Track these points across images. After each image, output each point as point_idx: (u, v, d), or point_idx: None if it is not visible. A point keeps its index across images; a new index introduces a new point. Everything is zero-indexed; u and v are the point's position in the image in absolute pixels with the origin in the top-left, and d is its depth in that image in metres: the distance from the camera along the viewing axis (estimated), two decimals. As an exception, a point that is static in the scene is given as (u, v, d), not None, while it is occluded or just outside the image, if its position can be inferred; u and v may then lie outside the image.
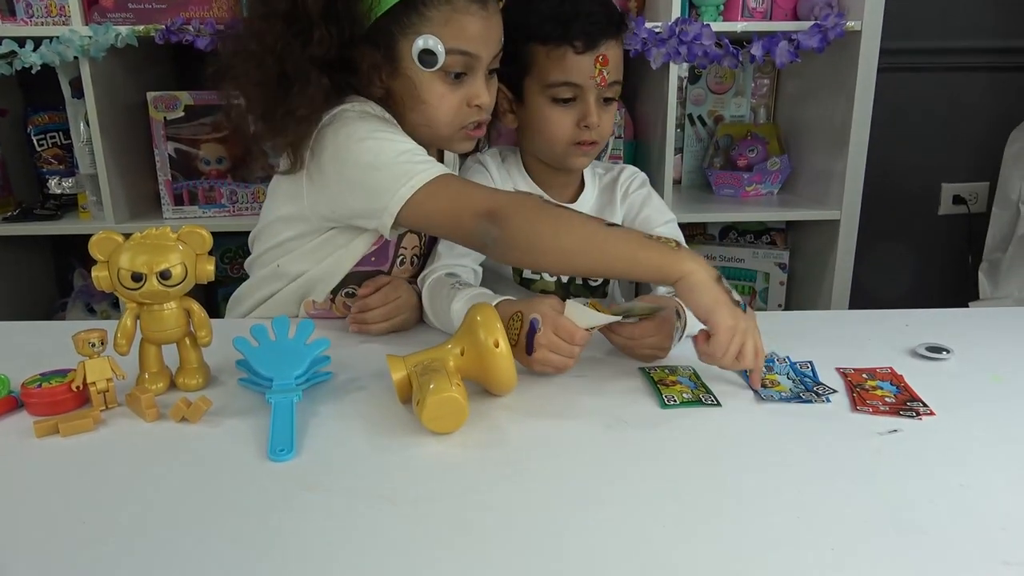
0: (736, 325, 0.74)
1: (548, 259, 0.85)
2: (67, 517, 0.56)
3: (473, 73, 0.94)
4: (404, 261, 1.07)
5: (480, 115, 0.98)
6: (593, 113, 1.01)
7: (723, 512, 0.56)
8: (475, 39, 0.92)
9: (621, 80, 1.05)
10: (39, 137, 1.68)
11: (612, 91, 1.03)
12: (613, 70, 1.01)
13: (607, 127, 1.05)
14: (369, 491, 0.59)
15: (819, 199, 1.69)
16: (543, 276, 1.12)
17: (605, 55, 0.99)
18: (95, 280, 0.73)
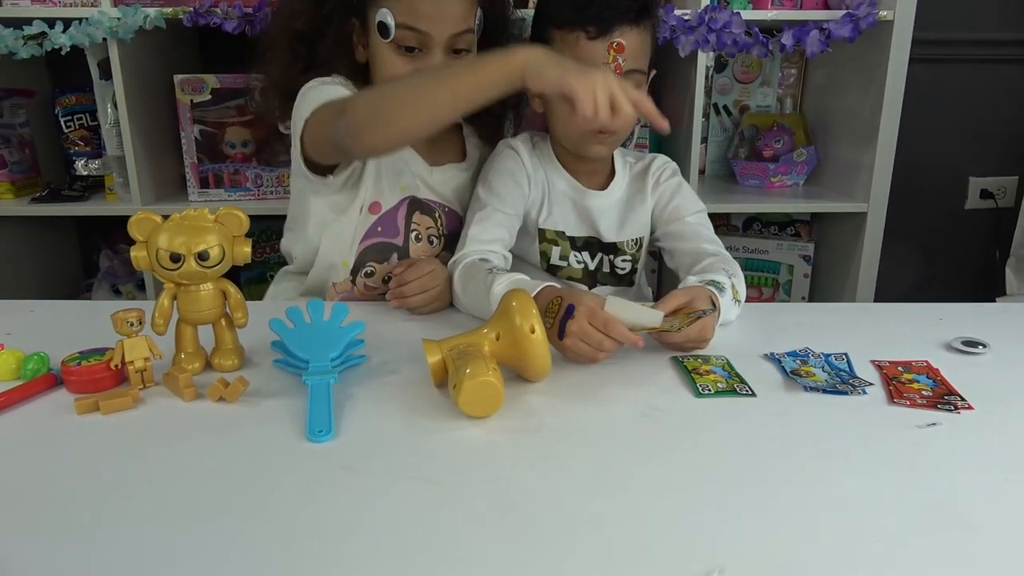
0: (593, 78, 0.73)
1: (398, 123, 0.85)
2: (111, 493, 0.57)
3: (428, 50, 0.99)
4: (420, 238, 1.09)
5: None
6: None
7: (764, 502, 0.56)
8: (424, 17, 0.97)
9: (644, 69, 1.02)
10: (66, 119, 1.69)
11: (632, 80, 0.98)
12: (630, 58, 0.98)
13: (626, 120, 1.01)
14: (408, 473, 0.59)
15: (845, 191, 1.67)
16: (570, 263, 1.11)
17: (620, 42, 0.96)
18: (134, 260, 0.73)
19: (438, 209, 1.12)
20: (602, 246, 1.12)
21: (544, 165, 1.11)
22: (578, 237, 1.12)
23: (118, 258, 1.77)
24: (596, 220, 1.11)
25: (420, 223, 1.09)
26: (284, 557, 0.49)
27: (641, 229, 1.13)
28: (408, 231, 1.09)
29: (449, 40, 0.99)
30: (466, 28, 1.00)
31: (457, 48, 1.00)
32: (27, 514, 0.54)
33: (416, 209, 1.10)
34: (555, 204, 1.10)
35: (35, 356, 0.76)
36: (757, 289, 1.84)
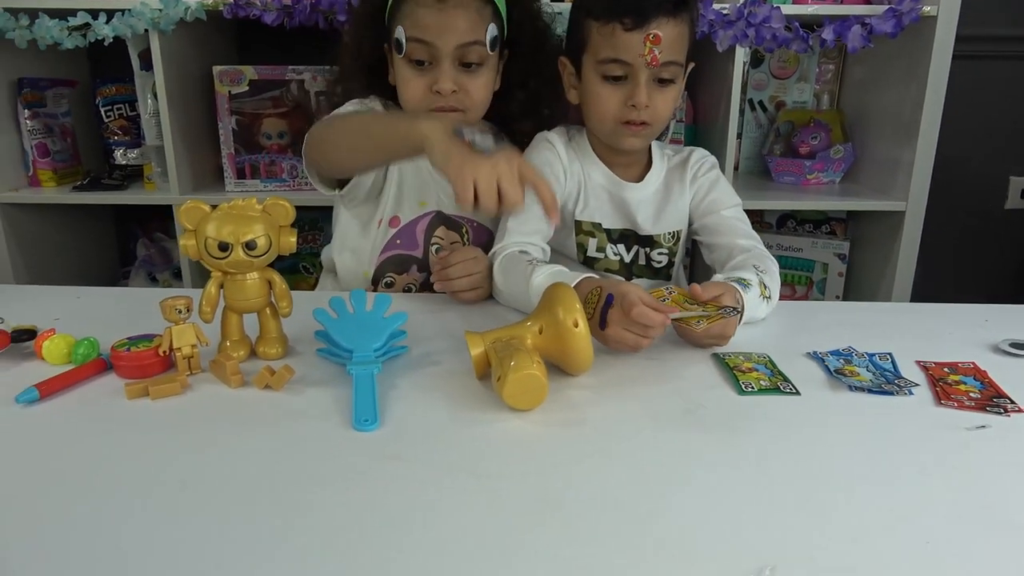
0: (476, 169, 0.72)
1: (332, 158, 0.98)
2: (163, 476, 0.58)
3: (437, 62, 1.02)
4: (441, 250, 1.12)
5: (443, 101, 1.03)
6: (641, 93, 0.98)
7: (812, 500, 0.55)
8: (430, 30, 1.00)
9: (681, 62, 1.01)
10: (106, 108, 1.71)
11: (668, 72, 0.99)
12: (667, 50, 0.97)
13: (661, 109, 1.01)
14: (454, 465, 0.60)
15: (883, 189, 1.65)
16: (607, 255, 1.11)
17: (657, 34, 0.96)
18: (182, 248, 0.74)
19: (465, 224, 1.15)
20: (638, 239, 1.12)
21: (580, 157, 1.11)
22: (614, 229, 1.11)
23: (155, 247, 1.79)
24: (633, 212, 1.10)
25: (444, 237, 1.13)
26: (334, 543, 0.50)
27: (678, 222, 1.12)
28: (428, 244, 1.12)
29: (456, 52, 1.01)
30: (473, 40, 1.01)
31: (467, 61, 1.02)
32: (82, 494, 0.55)
33: (441, 224, 1.13)
34: (591, 196, 1.10)
35: (85, 341, 0.78)
36: (790, 287, 1.82)
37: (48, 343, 0.77)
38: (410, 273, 1.12)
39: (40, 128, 1.62)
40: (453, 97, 1.03)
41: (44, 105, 1.64)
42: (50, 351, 0.77)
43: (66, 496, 0.55)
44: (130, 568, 0.47)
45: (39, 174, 1.64)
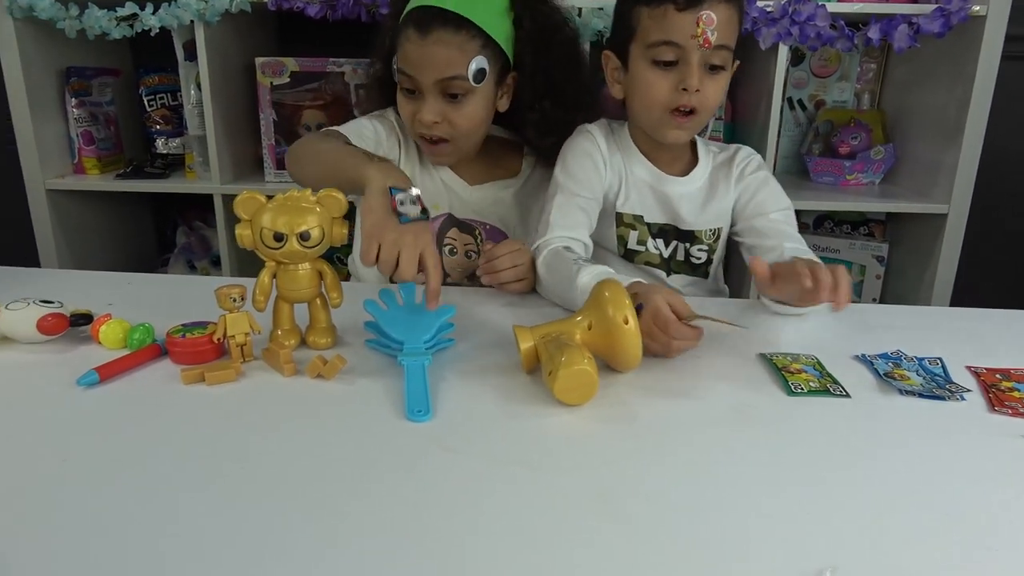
0: (383, 235, 0.78)
1: (299, 175, 1.03)
2: (220, 461, 0.59)
3: (421, 93, 1.05)
4: (456, 252, 1.16)
5: (425, 130, 1.07)
6: (694, 75, 0.96)
7: (867, 502, 0.55)
8: (412, 63, 1.03)
9: (732, 47, 0.99)
10: (149, 98, 1.75)
11: (719, 57, 0.98)
12: (720, 32, 0.95)
13: (711, 97, 1.00)
14: (507, 456, 0.60)
15: (924, 191, 1.63)
16: (647, 248, 1.11)
17: (710, 14, 0.94)
18: (238, 237, 0.76)
19: (478, 227, 1.17)
20: (678, 234, 1.11)
21: (621, 151, 1.10)
22: (655, 223, 1.11)
23: (195, 235, 1.82)
24: (676, 206, 1.10)
25: (457, 239, 1.16)
26: (391, 530, 0.51)
27: (720, 220, 1.11)
28: (441, 245, 1.15)
29: (438, 85, 1.04)
30: (454, 75, 1.02)
31: (452, 92, 1.04)
32: (145, 474, 0.57)
33: (453, 226, 1.16)
34: (632, 189, 1.10)
35: (140, 327, 0.79)
36: (826, 288, 1.80)
37: (105, 328, 0.79)
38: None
39: (85, 116, 1.66)
40: (436, 127, 1.06)
41: (89, 94, 1.67)
42: (107, 336, 0.79)
43: (129, 475, 0.57)
44: (188, 548, 0.48)
45: (84, 162, 1.67)
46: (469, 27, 1.01)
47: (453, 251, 1.16)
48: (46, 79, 1.60)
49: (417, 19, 1.02)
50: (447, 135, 1.07)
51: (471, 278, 1.17)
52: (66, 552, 0.48)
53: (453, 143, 1.09)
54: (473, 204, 1.17)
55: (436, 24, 1.00)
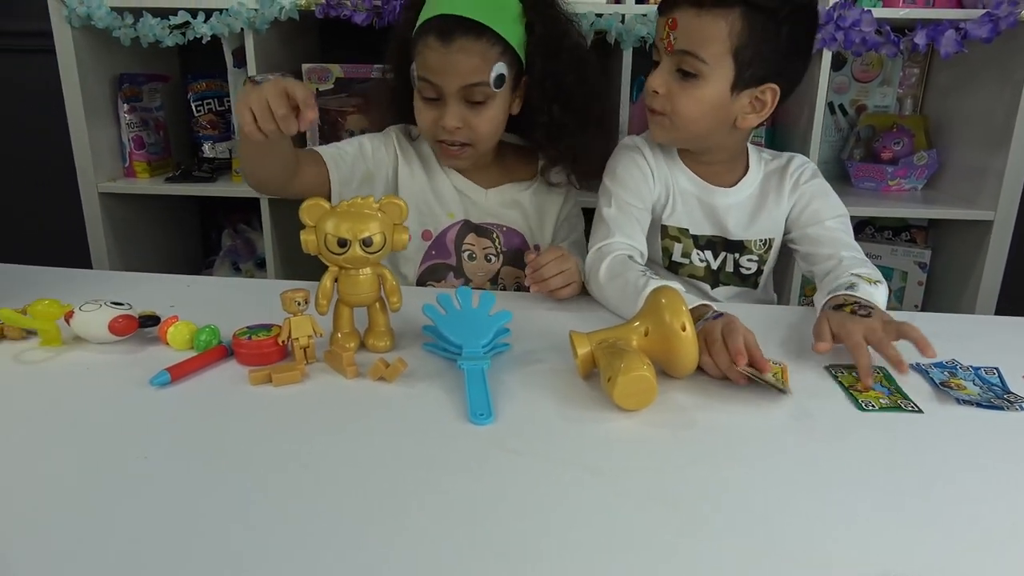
0: (240, 100, 0.85)
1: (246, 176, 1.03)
2: (288, 461, 0.61)
3: (443, 99, 1.05)
4: (475, 257, 1.17)
5: (448, 136, 1.07)
6: (656, 76, 0.99)
7: (933, 512, 0.55)
8: (435, 71, 1.04)
9: (705, 59, 0.94)
10: (197, 103, 1.78)
11: (687, 64, 0.96)
12: (684, 39, 0.95)
13: (680, 105, 0.98)
14: (570, 460, 0.61)
15: (969, 197, 1.61)
16: (692, 261, 1.12)
17: (675, 19, 0.95)
18: (303, 243, 0.78)
19: (495, 230, 1.18)
20: (727, 245, 1.12)
21: (668, 162, 1.11)
22: (701, 235, 1.11)
23: (240, 237, 1.86)
24: (723, 218, 1.10)
25: (475, 244, 1.18)
26: (457, 531, 0.52)
27: (772, 230, 1.11)
28: (460, 251, 1.17)
29: (460, 92, 1.04)
30: (477, 82, 1.03)
31: (474, 100, 1.05)
32: (219, 470, 0.59)
33: (470, 231, 1.18)
34: (679, 202, 1.11)
35: (207, 328, 0.82)
36: (866, 295, 1.79)
37: (172, 329, 0.82)
38: (447, 280, 1.17)
39: (136, 122, 1.70)
40: (459, 132, 1.07)
41: (140, 100, 1.72)
42: (174, 337, 0.82)
43: (207, 472, 0.59)
44: (260, 544, 0.50)
45: (135, 165, 1.72)
46: (489, 34, 1.03)
47: (472, 256, 1.17)
48: (100, 85, 1.65)
49: (439, 27, 1.02)
50: (468, 140, 1.08)
51: (493, 281, 1.19)
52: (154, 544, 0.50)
53: (473, 147, 1.10)
54: (489, 208, 1.18)
55: (458, 32, 1.01)
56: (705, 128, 1.02)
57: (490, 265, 1.18)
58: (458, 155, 1.11)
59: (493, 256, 1.18)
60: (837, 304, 0.86)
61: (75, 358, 0.81)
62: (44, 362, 0.80)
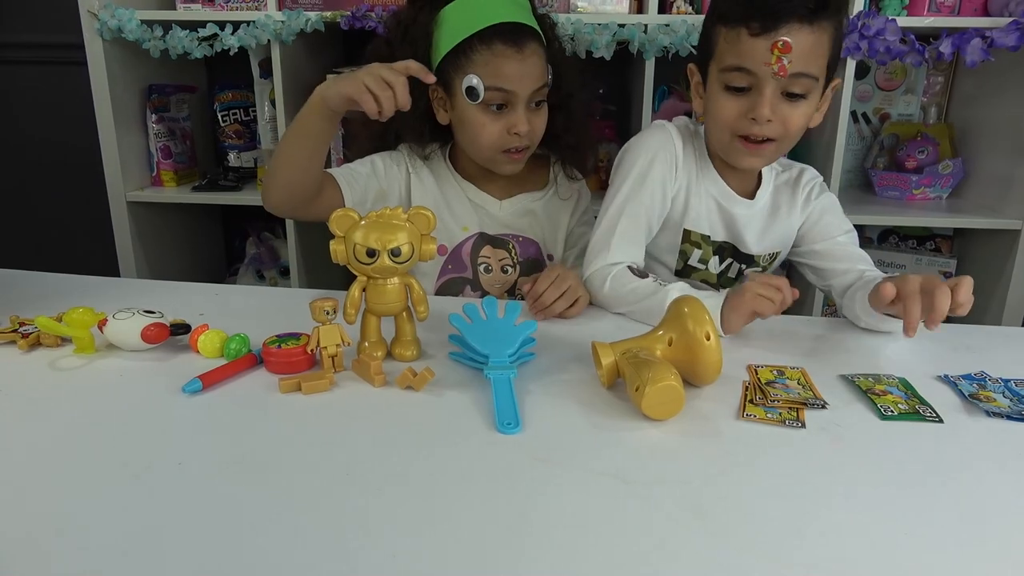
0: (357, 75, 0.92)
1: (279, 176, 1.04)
2: (326, 465, 0.62)
3: (512, 106, 1.06)
4: (491, 270, 1.17)
5: (520, 141, 1.08)
6: (763, 106, 0.93)
7: (961, 528, 0.55)
8: (511, 78, 1.04)
9: (816, 75, 0.93)
10: (223, 113, 1.81)
11: (799, 86, 0.92)
12: (799, 60, 0.90)
13: (790, 126, 0.95)
14: (600, 469, 0.61)
15: (995, 207, 1.60)
16: (708, 267, 1.11)
17: (786, 41, 0.89)
18: (332, 253, 0.79)
19: (511, 241, 1.18)
20: (735, 253, 1.11)
21: (697, 158, 1.09)
22: (716, 242, 1.11)
23: (264, 245, 1.88)
24: (740, 229, 1.10)
25: (491, 256, 1.18)
26: (489, 540, 0.52)
27: (781, 243, 1.11)
28: (476, 264, 1.17)
29: (532, 94, 1.06)
30: (544, 83, 1.07)
31: (537, 101, 1.08)
32: (253, 480, 0.60)
33: (486, 244, 1.17)
34: (701, 204, 1.09)
35: (237, 337, 0.83)
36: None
37: (203, 337, 0.83)
38: (465, 294, 1.17)
39: (164, 131, 1.73)
40: (526, 136, 1.08)
41: (168, 110, 1.75)
42: (205, 345, 0.83)
43: (241, 478, 0.60)
44: (291, 550, 0.51)
45: (162, 175, 1.75)
46: (539, 38, 1.07)
47: (488, 269, 1.17)
48: (129, 96, 1.68)
49: (507, 35, 1.03)
50: (529, 142, 1.10)
51: (510, 292, 1.19)
52: (190, 550, 0.51)
53: (529, 149, 1.12)
54: (504, 219, 1.19)
55: (526, 38, 1.04)
56: (798, 137, 1.00)
57: (507, 276, 1.18)
58: (521, 159, 1.12)
59: (510, 267, 1.18)
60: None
61: (108, 365, 0.82)
62: (79, 369, 0.82)
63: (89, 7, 1.54)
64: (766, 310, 0.87)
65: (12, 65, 2.01)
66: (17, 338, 0.86)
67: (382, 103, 0.91)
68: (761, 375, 0.78)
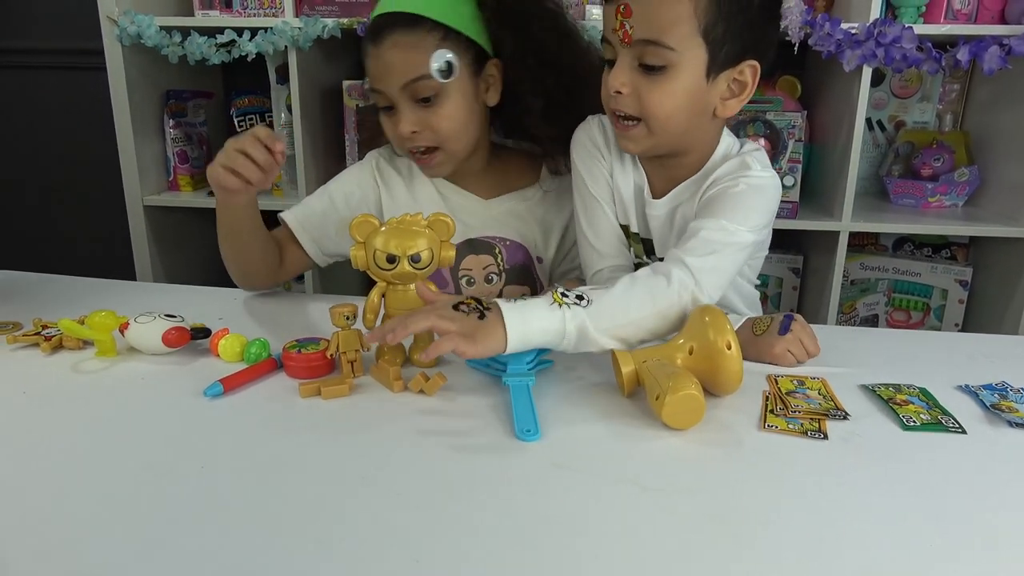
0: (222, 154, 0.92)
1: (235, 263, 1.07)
2: (347, 470, 0.62)
3: (395, 106, 0.98)
4: (473, 281, 1.10)
5: (409, 143, 1.00)
6: (616, 76, 0.83)
7: (985, 540, 0.55)
8: (376, 77, 0.97)
9: (672, 45, 0.80)
10: (239, 119, 1.83)
11: (652, 55, 0.81)
12: (643, 24, 0.80)
13: (650, 104, 0.83)
14: (618, 476, 0.62)
15: (1012, 214, 1.58)
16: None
17: (628, 5, 0.80)
18: (353, 258, 0.79)
19: (497, 244, 1.10)
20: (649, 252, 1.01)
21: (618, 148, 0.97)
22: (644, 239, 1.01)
23: (278, 250, 1.89)
24: (652, 230, 0.99)
25: (473, 267, 1.09)
26: (510, 547, 0.53)
27: None
28: (457, 279, 1.10)
29: (406, 91, 0.95)
30: (418, 76, 0.94)
31: (423, 97, 0.96)
32: (275, 485, 0.60)
33: (468, 252, 1.09)
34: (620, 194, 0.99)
35: (257, 341, 0.84)
36: (906, 312, 1.77)
37: (223, 342, 0.84)
38: None
39: (181, 136, 1.75)
40: (418, 137, 0.98)
41: (185, 115, 1.77)
42: (225, 349, 0.84)
43: (263, 482, 0.60)
44: (313, 554, 0.52)
45: (178, 179, 1.76)
46: (423, 23, 0.93)
47: (471, 281, 1.10)
48: (147, 102, 1.70)
49: (372, 30, 0.96)
50: (432, 142, 0.99)
51: None
52: (211, 552, 0.52)
53: (443, 150, 1.00)
54: (490, 220, 1.10)
55: (387, 29, 0.94)
56: (683, 125, 0.86)
57: (491, 287, 1.10)
58: (429, 162, 1.02)
59: (495, 275, 1.10)
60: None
61: (130, 368, 0.83)
62: (101, 372, 0.82)
63: (109, 13, 1.56)
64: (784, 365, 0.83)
65: (33, 70, 2.03)
66: (40, 340, 0.87)
67: (245, 174, 0.89)
68: (781, 384, 0.78)
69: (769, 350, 0.84)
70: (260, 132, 0.90)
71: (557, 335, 0.75)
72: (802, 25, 1.42)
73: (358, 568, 0.51)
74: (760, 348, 0.84)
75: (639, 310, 0.78)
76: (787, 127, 1.53)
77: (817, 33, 1.42)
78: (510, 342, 0.73)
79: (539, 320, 0.75)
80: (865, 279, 1.79)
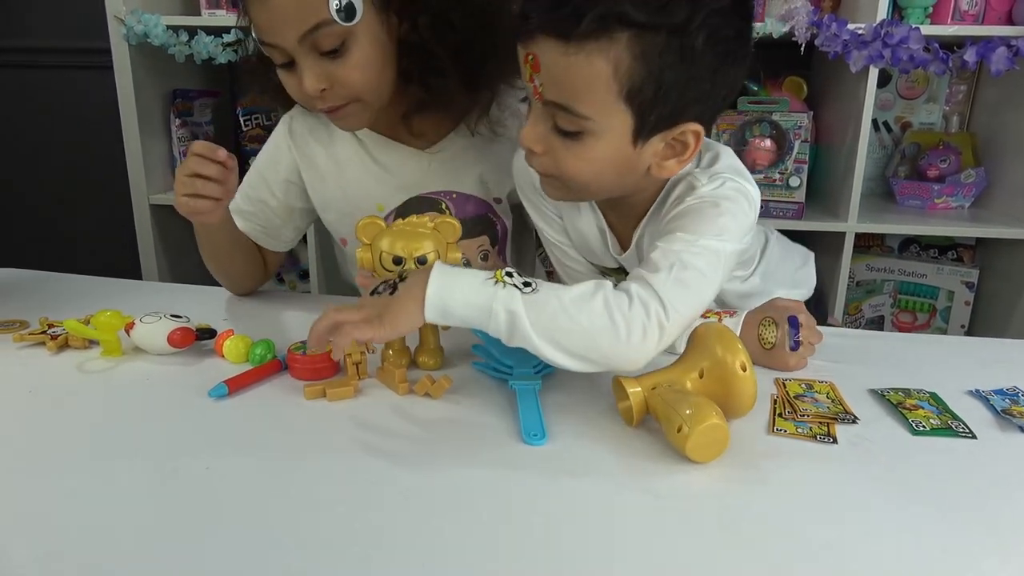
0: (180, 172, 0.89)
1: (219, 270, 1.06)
2: (355, 472, 0.62)
3: (296, 60, 0.84)
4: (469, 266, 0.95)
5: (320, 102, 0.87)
6: (527, 130, 0.73)
7: (1001, 548, 0.54)
8: (266, 29, 0.82)
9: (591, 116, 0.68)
10: (246, 118, 1.83)
11: (565, 121, 0.69)
12: (552, 86, 0.68)
13: (562, 165, 0.73)
14: (627, 482, 0.61)
15: (1018, 216, 1.58)
16: None
17: (535, 55, 0.67)
18: (359, 260, 0.79)
19: (443, 200, 0.99)
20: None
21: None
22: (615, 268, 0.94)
23: (283, 249, 1.89)
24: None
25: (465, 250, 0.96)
26: (522, 551, 0.53)
27: None
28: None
29: (306, 42, 0.81)
30: (316, 24, 0.80)
31: (328, 50, 0.82)
32: (281, 486, 0.60)
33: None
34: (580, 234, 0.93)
35: (262, 343, 0.83)
36: (911, 314, 1.76)
37: (229, 343, 0.84)
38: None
39: (187, 135, 1.75)
40: (329, 94, 0.86)
41: (191, 114, 1.77)
42: (230, 350, 0.84)
43: (269, 483, 0.60)
44: (317, 557, 0.51)
45: (184, 178, 1.76)
46: None
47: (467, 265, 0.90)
48: (154, 101, 1.70)
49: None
50: (346, 99, 0.87)
51: None
52: (216, 553, 0.52)
53: (358, 102, 0.88)
54: (431, 173, 0.99)
55: None
56: (608, 184, 0.76)
57: (487, 264, 1.01)
58: (341, 117, 0.90)
59: (483, 259, 1.02)
60: None
61: (135, 368, 0.83)
62: (106, 371, 0.82)
63: (116, 12, 1.56)
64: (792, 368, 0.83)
65: (40, 69, 2.03)
66: (47, 339, 0.87)
67: (207, 194, 0.88)
68: (789, 388, 0.78)
69: (783, 367, 0.82)
70: (198, 148, 0.87)
71: (483, 312, 0.65)
72: (808, 26, 1.42)
73: (363, 571, 0.50)
74: (772, 363, 0.82)
75: (590, 318, 0.65)
76: (793, 128, 1.52)
77: (824, 34, 1.42)
78: (428, 313, 0.66)
79: (465, 292, 0.66)
80: (871, 280, 1.78)
